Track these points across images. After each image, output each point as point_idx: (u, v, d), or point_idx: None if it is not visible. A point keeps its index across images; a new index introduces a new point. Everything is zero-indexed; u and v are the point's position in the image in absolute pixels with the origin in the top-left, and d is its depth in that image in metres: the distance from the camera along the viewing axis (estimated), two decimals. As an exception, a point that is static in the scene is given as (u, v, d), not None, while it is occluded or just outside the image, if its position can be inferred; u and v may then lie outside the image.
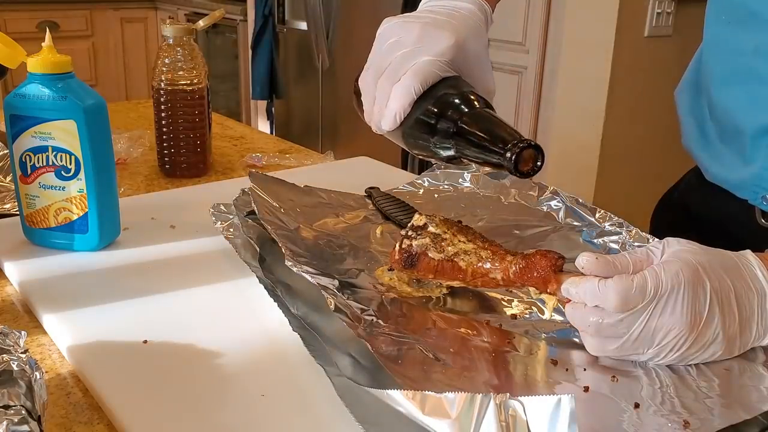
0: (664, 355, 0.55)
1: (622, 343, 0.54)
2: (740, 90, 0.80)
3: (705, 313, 0.53)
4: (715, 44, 0.83)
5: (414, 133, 0.64)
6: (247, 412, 0.52)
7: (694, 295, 0.53)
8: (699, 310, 0.53)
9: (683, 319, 0.53)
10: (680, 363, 0.55)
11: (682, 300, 0.53)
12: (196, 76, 1.03)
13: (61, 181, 0.73)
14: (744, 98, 0.79)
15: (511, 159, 0.56)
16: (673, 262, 0.54)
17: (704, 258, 0.55)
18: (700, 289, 0.53)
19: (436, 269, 0.64)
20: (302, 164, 1.14)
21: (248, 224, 0.77)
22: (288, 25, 3.33)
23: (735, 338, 0.55)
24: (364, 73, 0.69)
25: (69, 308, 0.65)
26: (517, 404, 0.43)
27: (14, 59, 0.78)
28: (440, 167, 0.97)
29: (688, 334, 0.53)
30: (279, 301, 0.63)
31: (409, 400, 0.45)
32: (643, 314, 0.53)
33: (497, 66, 2.51)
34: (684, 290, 0.53)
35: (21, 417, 0.42)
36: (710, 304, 0.53)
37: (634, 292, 0.53)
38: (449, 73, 0.65)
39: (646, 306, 0.53)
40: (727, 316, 0.54)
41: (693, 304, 0.53)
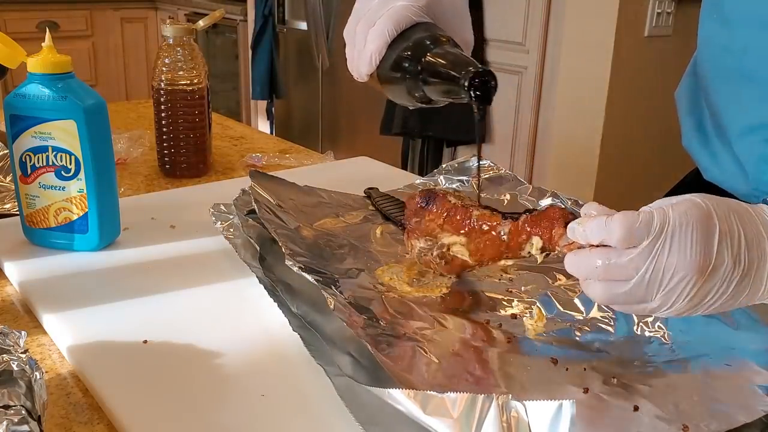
0: (672, 301, 0.52)
1: (630, 287, 0.51)
2: (728, 89, 0.81)
3: (714, 254, 0.51)
4: (708, 43, 0.84)
5: (389, 76, 0.66)
6: (247, 412, 0.52)
7: (702, 235, 0.51)
8: (708, 250, 0.51)
9: (692, 258, 0.50)
10: (691, 313, 0.53)
11: (690, 238, 0.50)
12: (196, 76, 1.03)
13: (61, 181, 0.73)
14: (732, 97, 0.80)
15: (464, 84, 0.59)
16: (682, 202, 0.52)
17: (714, 201, 0.53)
18: (710, 230, 0.51)
19: (448, 212, 0.64)
20: (302, 164, 1.14)
21: (248, 224, 0.77)
22: (288, 25, 3.33)
23: (745, 285, 0.52)
24: (347, 23, 0.71)
25: (69, 308, 0.65)
26: (519, 406, 0.43)
27: (14, 59, 0.78)
28: (441, 171, 0.97)
29: (697, 276, 0.51)
30: (279, 300, 0.63)
31: (411, 399, 0.45)
32: (650, 252, 0.50)
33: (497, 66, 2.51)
34: (693, 229, 0.51)
35: (21, 417, 0.42)
36: (719, 246, 0.51)
37: (639, 226, 0.51)
38: (424, 18, 0.66)
39: (653, 243, 0.50)
40: (737, 260, 0.51)
41: (702, 244, 0.50)
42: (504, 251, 0.61)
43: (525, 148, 2.52)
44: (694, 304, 0.52)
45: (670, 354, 0.59)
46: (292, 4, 3.28)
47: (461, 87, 0.59)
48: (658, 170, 2.37)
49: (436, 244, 0.66)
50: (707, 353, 0.58)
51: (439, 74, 0.62)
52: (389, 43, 0.65)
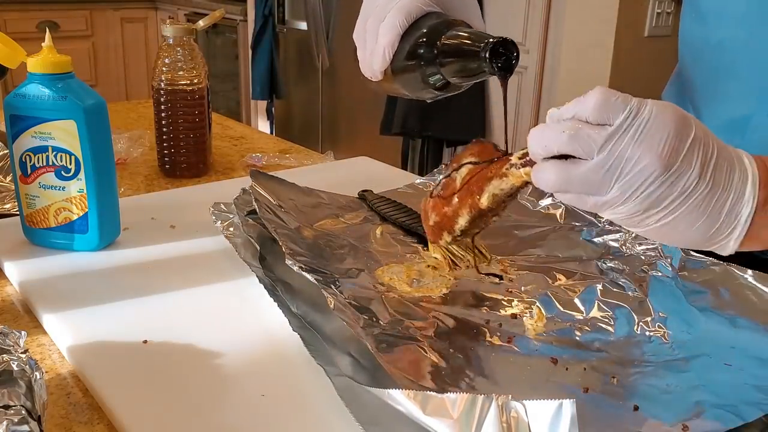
0: (627, 196, 0.48)
1: (588, 168, 0.48)
2: (708, 85, 0.81)
3: (682, 154, 0.48)
4: (687, 41, 0.85)
5: (403, 66, 0.65)
6: (247, 412, 0.52)
7: (675, 131, 0.48)
8: (677, 147, 0.48)
9: (659, 149, 0.47)
10: (641, 219, 0.49)
11: (662, 129, 0.48)
12: (196, 76, 1.03)
13: (61, 181, 0.73)
14: (712, 93, 0.81)
15: (485, 56, 0.57)
16: (663, 102, 0.50)
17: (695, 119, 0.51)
18: (684, 130, 0.48)
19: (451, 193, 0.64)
20: (302, 164, 1.13)
21: (248, 223, 0.77)
22: (288, 25, 3.33)
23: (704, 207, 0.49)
24: (356, 25, 0.69)
25: (69, 308, 0.65)
26: (519, 406, 0.43)
27: (14, 59, 0.78)
28: (441, 171, 0.97)
29: (660, 171, 0.47)
30: (279, 300, 0.63)
31: (411, 400, 0.45)
32: (619, 131, 0.48)
33: (497, 66, 2.51)
34: (668, 121, 0.48)
35: (21, 417, 0.42)
36: (690, 148, 0.48)
37: (616, 100, 0.48)
38: (434, 8, 0.65)
39: (624, 122, 0.48)
40: (704, 171, 0.48)
41: (672, 139, 0.48)
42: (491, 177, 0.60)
43: (525, 148, 2.52)
44: (647, 206, 0.48)
45: (670, 353, 0.59)
46: (292, 4, 3.28)
47: (482, 60, 0.58)
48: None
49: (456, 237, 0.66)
50: (707, 353, 0.58)
51: (458, 51, 0.60)
52: (401, 35, 0.64)
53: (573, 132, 0.48)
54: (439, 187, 0.67)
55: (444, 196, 0.65)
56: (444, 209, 0.64)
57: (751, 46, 0.75)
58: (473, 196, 0.61)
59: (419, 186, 0.94)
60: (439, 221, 0.65)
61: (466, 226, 0.63)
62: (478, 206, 0.61)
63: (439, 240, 0.66)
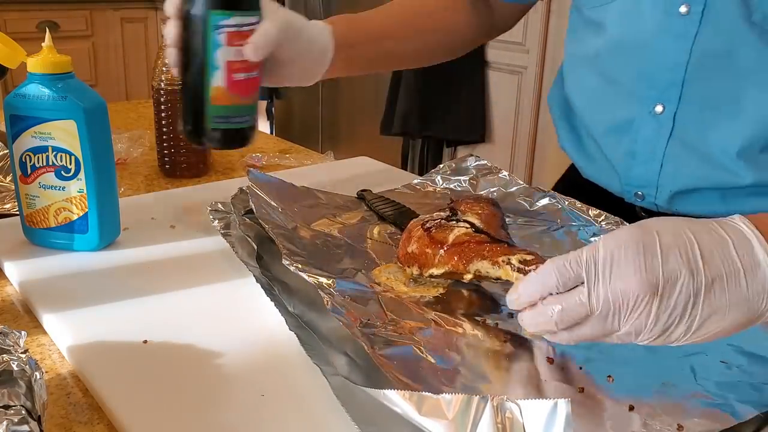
0: (641, 325, 0.49)
1: (591, 324, 0.50)
2: (587, 92, 0.88)
3: (659, 268, 0.48)
4: (568, 51, 0.92)
5: None
6: (246, 412, 0.52)
7: (638, 251, 0.48)
8: (651, 265, 0.48)
9: (636, 276, 0.48)
10: (677, 337, 0.49)
11: (626, 258, 0.48)
12: (196, 77, 1.03)
13: (61, 181, 0.74)
14: (591, 99, 0.87)
15: None
16: (614, 231, 0.51)
17: (662, 221, 0.51)
18: (647, 245, 0.48)
19: None
20: (302, 164, 1.14)
21: (246, 223, 0.77)
22: (288, 25, 3.33)
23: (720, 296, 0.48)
24: None
25: (69, 308, 0.65)
26: (513, 406, 0.43)
27: (14, 59, 0.78)
28: (438, 171, 0.97)
29: (650, 293, 0.48)
30: (276, 300, 0.64)
31: (406, 400, 0.45)
32: (593, 285, 0.49)
33: (497, 66, 2.51)
34: (626, 248, 0.48)
35: (21, 417, 0.43)
36: (664, 257, 0.48)
37: (570, 264, 0.50)
38: None
39: (590, 275, 0.49)
40: (694, 270, 0.48)
41: (641, 260, 0.48)
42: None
43: (525, 148, 2.52)
44: (665, 324, 0.49)
45: (666, 352, 0.58)
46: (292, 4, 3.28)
47: None
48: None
49: None
50: (703, 351, 0.58)
51: None
52: None
53: (558, 308, 0.50)
54: (434, 223, 0.68)
55: (435, 237, 0.66)
56: (427, 249, 0.67)
57: (623, 53, 0.81)
58: (460, 260, 0.65)
59: (417, 186, 0.94)
60: (417, 255, 0.68)
61: (438, 275, 0.66)
62: (460, 271, 0.66)
63: (405, 266, 0.68)
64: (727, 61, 0.73)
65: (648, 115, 0.79)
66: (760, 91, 0.72)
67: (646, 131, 0.80)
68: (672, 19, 0.75)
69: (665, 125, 0.78)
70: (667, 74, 0.77)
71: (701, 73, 0.75)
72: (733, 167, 0.76)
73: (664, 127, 0.79)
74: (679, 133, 0.78)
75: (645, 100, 0.79)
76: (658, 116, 0.78)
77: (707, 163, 0.77)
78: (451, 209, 0.72)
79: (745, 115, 0.73)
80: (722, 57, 0.73)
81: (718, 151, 0.76)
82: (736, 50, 0.72)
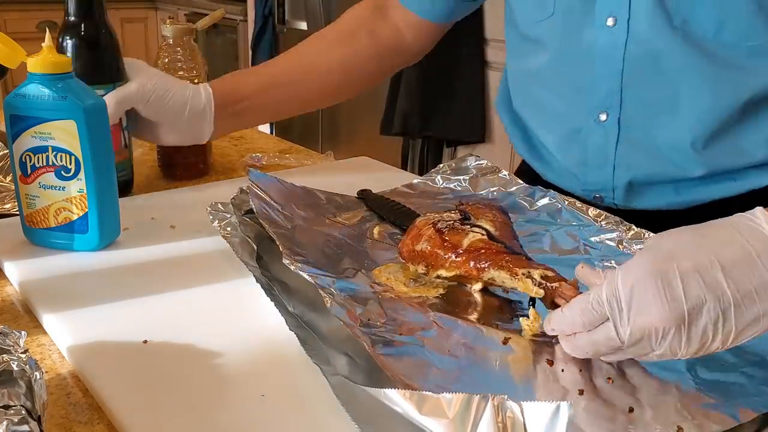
0: (674, 350, 0.50)
1: (625, 353, 0.53)
2: (531, 112, 0.93)
3: (682, 298, 0.48)
4: (513, 67, 0.96)
5: None
6: (246, 413, 0.52)
7: (657, 286, 0.49)
8: (672, 296, 0.48)
9: (659, 310, 0.49)
10: (708, 352, 0.51)
11: (645, 293, 0.49)
12: (196, 76, 1.03)
13: (61, 181, 0.74)
14: (536, 119, 0.93)
15: None
16: (631, 262, 0.52)
17: (669, 240, 0.52)
18: (666, 276, 0.49)
19: None
20: (302, 164, 1.14)
21: (246, 223, 0.77)
22: (288, 25, 3.33)
23: (752, 312, 0.49)
24: None
25: (69, 308, 0.65)
26: (514, 406, 0.43)
27: (14, 59, 0.78)
28: (439, 171, 0.97)
29: (676, 325, 0.49)
30: (276, 300, 0.64)
31: (406, 399, 0.45)
32: (617, 323, 0.51)
33: (497, 66, 2.51)
34: (645, 283, 0.49)
35: (21, 417, 0.42)
36: (685, 286, 0.48)
37: (593, 305, 0.52)
38: None
39: (614, 314, 0.51)
40: (718, 292, 0.48)
41: (661, 294, 0.49)
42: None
43: (525, 148, 2.52)
44: (697, 347, 0.50)
45: (667, 354, 0.59)
46: (292, 4, 3.28)
47: None
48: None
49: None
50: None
51: None
52: None
53: (593, 345, 0.53)
54: (446, 224, 0.68)
55: (448, 239, 0.66)
56: (439, 251, 0.67)
57: (562, 68, 0.85)
58: (475, 267, 0.65)
59: (416, 186, 0.94)
60: (427, 255, 0.68)
61: (445, 277, 0.66)
62: (472, 277, 0.66)
63: (410, 263, 0.68)
64: (657, 65, 0.78)
65: (594, 124, 0.84)
66: (692, 89, 0.77)
67: (594, 139, 0.85)
68: (602, 31, 0.80)
69: (611, 131, 0.83)
70: (605, 83, 0.81)
71: (637, 78, 0.79)
72: (682, 162, 0.80)
73: (611, 133, 0.83)
74: (626, 136, 0.82)
75: (588, 109, 0.84)
76: (604, 123, 0.83)
77: (657, 160, 0.82)
78: (462, 212, 0.72)
79: (685, 112, 0.78)
80: (653, 61, 0.78)
81: (666, 148, 0.80)
82: (664, 54, 0.77)
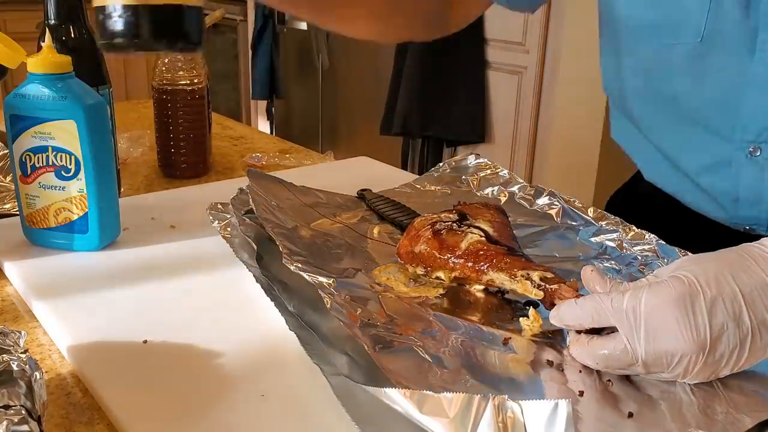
0: (685, 374, 0.52)
1: (635, 369, 0.53)
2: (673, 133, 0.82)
3: (707, 325, 0.50)
4: (635, 86, 0.84)
5: None
6: (246, 413, 0.52)
7: (683, 311, 0.50)
8: (697, 323, 0.50)
9: (683, 338, 0.50)
10: (714, 377, 0.53)
11: (672, 317, 0.50)
12: (196, 76, 1.03)
13: (61, 181, 0.74)
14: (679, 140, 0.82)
15: None
16: (656, 285, 0.52)
17: (701, 266, 0.52)
18: (693, 302, 0.50)
19: None
20: (302, 164, 1.14)
21: (246, 223, 0.77)
22: (288, 25, 3.33)
23: (765, 341, 0.51)
24: None
25: (69, 308, 0.65)
26: (515, 406, 0.43)
27: (14, 59, 0.78)
28: (438, 170, 0.97)
29: (698, 352, 0.50)
30: (276, 300, 0.64)
31: (407, 399, 0.45)
32: (631, 338, 0.51)
33: (497, 66, 2.51)
34: (670, 308, 0.50)
35: (21, 417, 0.42)
36: (711, 314, 0.50)
37: (609, 310, 0.52)
38: None
39: (630, 329, 0.51)
40: (739, 321, 0.50)
41: (690, 320, 0.50)
42: None
43: (525, 148, 2.52)
44: (712, 369, 0.51)
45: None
46: None
47: None
48: (658, 170, 2.37)
49: None
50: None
51: None
52: None
53: (605, 358, 0.53)
54: (444, 225, 0.68)
55: (447, 241, 0.67)
56: (437, 253, 0.67)
57: (705, 95, 0.75)
58: (474, 269, 0.66)
59: (416, 186, 0.94)
60: (426, 257, 0.68)
61: (445, 279, 0.67)
62: (471, 279, 0.66)
63: (409, 265, 0.68)
64: None
65: (745, 159, 0.75)
66: None
67: (746, 176, 0.76)
68: (756, 68, 0.70)
69: (766, 167, 0.74)
70: (760, 121, 0.72)
71: None
72: None
73: (765, 169, 0.74)
74: None
75: (739, 143, 0.74)
76: (757, 158, 0.74)
77: None
78: (460, 213, 0.72)
79: None
80: None
81: None
82: None
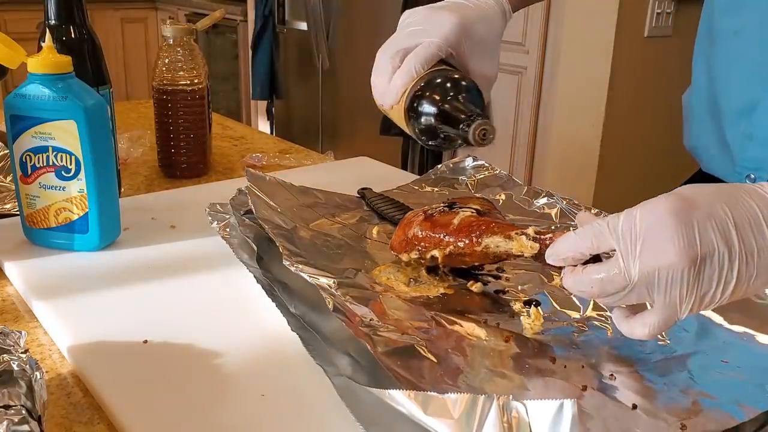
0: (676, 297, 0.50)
1: (626, 294, 0.51)
2: (722, 72, 0.85)
3: (698, 240, 0.49)
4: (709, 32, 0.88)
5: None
6: (247, 413, 0.52)
7: (677, 224, 0.49)
8: (689, 237, 0.49)
9: (675, 249, 0.49)
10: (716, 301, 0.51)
11: (665, 231, 0.49)
12: (196, 76, 1.03)
13: (61, 181, 0.74)
14: (724, 81, 0.85)
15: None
16: (652, 200, 0.51)
17: (698, 189, 0.51)
18: (687, 217, 0.49)
19: None
20: (302, 164, 1.14)
21: (245, 223, 0.77)
22: (288, 25, 3.33)
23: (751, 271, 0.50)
24: (379, 52, 0.74)
25: (69, 308, 0.65)
26: (519, 406, 0.43)
27: (14, 59, 0.78)
28: (437, 172, 0.97)
29: (688, 266, 0.49)
30: (277, 300, 0.63)
31: (411, 400, 0.45)
32: (627, 255, 0.50)
33: (497, 66, 2.51)
34: (665, 220, 0.49)
35: (21, 417, 0.42)
36: (702, 230, 0.49)
37: (608, 231, 0.51)
38: (451, 58, 0.70)
39: (626, 245, 0.50)
40: (729, 244, 0.49)
41: (680, 233, 0.49)
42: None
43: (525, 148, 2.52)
44: (704, 292, 0.50)
45: (667, 351, 0.59)
46: (292, 4, 3.28)
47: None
48: (658, 170, 2.37)
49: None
50: (704, 350, 0.58)
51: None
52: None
53: (597, 277, 0.52)
54: (436, 210, 0.68)
55: (439, 220, 0.67)
56: (430, 232, 0.67)
57: (762, 33, 0.78)
58: (469, 236, 0.64)
59: (414, 187, 0.94)
60: (421, 238, 0.67)
61: (439, 258, 0.66)
62: (465, 251, 0.65)
63: (402, 252, 0.68)
64: None
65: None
66: None
67: (765, 114, 0.79)
68: None
69: None
70: None
71: None
72: None
73: None
74: None
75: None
76: None
77: None
78: (450, 202, 0.72)
79: None
80: None
81: None
82: None
